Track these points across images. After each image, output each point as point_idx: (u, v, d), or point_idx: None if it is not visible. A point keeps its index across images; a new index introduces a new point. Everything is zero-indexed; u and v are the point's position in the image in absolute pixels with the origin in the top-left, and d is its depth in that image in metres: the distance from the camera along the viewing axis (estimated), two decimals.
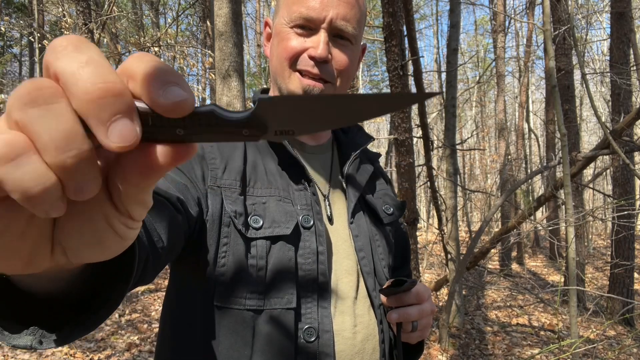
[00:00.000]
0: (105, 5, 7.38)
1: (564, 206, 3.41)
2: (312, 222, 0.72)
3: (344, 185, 0.82)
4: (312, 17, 0.71)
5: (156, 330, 4.72)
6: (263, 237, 0.67)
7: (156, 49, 8.18)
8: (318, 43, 0.71)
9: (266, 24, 0.83)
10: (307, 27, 0.72)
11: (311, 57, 0.72)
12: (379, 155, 0.94)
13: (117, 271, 0.36)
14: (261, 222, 0.68)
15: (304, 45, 0.72)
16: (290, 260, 0.68)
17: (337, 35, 0.73)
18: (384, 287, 0.75)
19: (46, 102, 0.20)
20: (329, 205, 0.78)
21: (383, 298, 0.75)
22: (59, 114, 0.21)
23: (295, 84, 0.73)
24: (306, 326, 0.67)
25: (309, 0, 0.71)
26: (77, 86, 0.21)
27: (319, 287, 0.70)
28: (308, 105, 0.29)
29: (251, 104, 0.85)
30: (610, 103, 7.45)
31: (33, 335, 0.32)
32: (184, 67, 10.13)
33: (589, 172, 14.50)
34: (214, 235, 0.66)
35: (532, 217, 6.02)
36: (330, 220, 0.77)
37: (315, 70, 0.72)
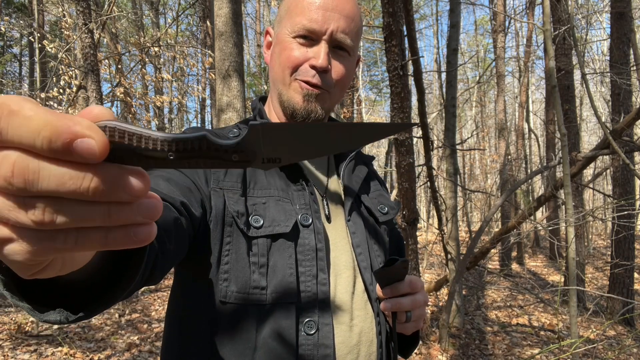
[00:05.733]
0: (105, 5, 7.38)
1: (564, 206, 3.41)
2: (310, 221, 0.76)
3: (341, 185, 0.86)
4: (314, 29, 0.76)
5: (156, 330, 4.72)
6: (264, 235, 0.71)
7: (156, 49, 8.18)
8: (319, 53, 0.76)
9: (267, 33, 0.88)
10: (309, 37, 0.77)
11: (312, 67, 0.76)
12: (372, 157, 0.99)
13: (127, 261, 0.40)
14: (262, 222, 0.71)
15: (306, 55, 0.77)
16: (290, 257, 0.72)
17: (336, 47, 0.78)
18: (377, 269, 0.76)
19: None
20: (327, 204, 0.82)
21: (378, 289, 0.78)
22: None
23: (296, 90, 0.78)
24: (307, 319, 0.70)
25: (311, 13, 0.76)
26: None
27: (318, 282, 0.73)
28: (297, 133, 0.30)
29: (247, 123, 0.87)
30: (610, 103, 7.45)
31: (60, 314, 0.36)
32: (184, 67, 10.13)
33: (589, 172, 14.50)
34: (217, 235, 0.70)
35: (532, 217, 6.02)
36: (329, 218, 0.81)
37: (316, 80, 0.76)
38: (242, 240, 0.70)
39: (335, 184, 0.86)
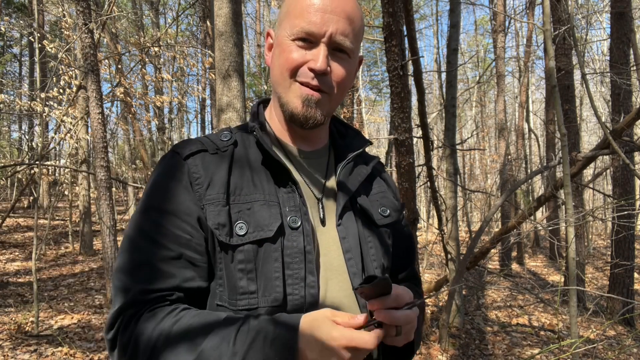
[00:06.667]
0: (105, 5, 7.37)
1: (564, 206, 3.41)
2: (299, 223, 0.75)
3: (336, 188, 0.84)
4: (312, 32, 0.75)
5: None
6: (249, 242, 0.72)
7: (156, 49, 8.17)
8: (318, 56, 0.75)
9: (268, 35, 0.87)
10: (308, 40, 0.76)
11: (311, 70, 0.75)
12: (377, 158, 0.96)
13: None
14: (246, 229, 0.72)
15: (305, 57, 0.76)
16: (276, 260, 0.72)
17: (336, 49, 0.77)
18: (357, 285, 0.75)
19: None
20: (322, 207, 0.81)
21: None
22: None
23: (295, 93, 0.77)
24: None
25: (310, 15, 0.75)
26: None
27: (306, 285, 0.73)
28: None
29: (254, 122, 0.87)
30: (610, 103, 7.46)
31: None
32: (184, 67, 10.13)
33: (589, 172, 14.50)
34: (210, 247, 0.74)
35: (532, 217, 6.02)
36: (323, 222, 0.80)
37: (315, 82, 0.76)
38: (227, 249, 0.72)
39: (332, 186, 0.85)
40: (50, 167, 10.12)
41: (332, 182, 0.86)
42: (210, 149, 0.78)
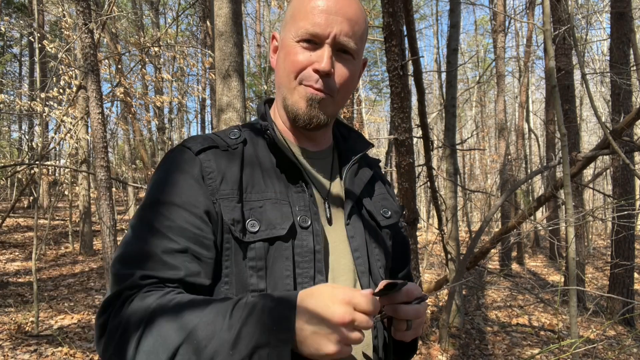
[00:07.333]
0: (105, 5, 7.37)
1: (564, 206, 3.41)
2: (309, 222, 0.76)
3: (343, 188, 0.86)
4: (317, 33, 0.76)
5: None
6: (260, 239, 0.72)
7: (156, 49, 8.17)
8: (322, 57, 0.76)
9: (273, 37, 0.89)
10: (313, 42, 0.77)
11: (315, 71, 0.77)
12: (378, 160, 0.99)
13: None
14: (258, 227, 0.73)
15: (310, 59, 0.78)
16: (287, 259, 0.73)
17: (340, 50, 0.79)
18: (376, 290, 0.76)
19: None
20: (329, 207, 0.83)
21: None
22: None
23: (300, 94, 0.79)
24: None
25: (314, 17, 0.76)
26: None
27: (315, 284, 0.74)
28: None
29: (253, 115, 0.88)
30: (610, 103, 7.46)
31: None
32: (184, 67, 10.13)
33: (589, 172, 14.50)
34: (218, 242, 0.73)
35: (532, 217, 6.02)
36: (330, 221, 0.82)
37: (319, 85, 0.77)
38: (239, 246, 0.72)
39: (337, 187, 0.87)
40: (50, 167, 10.12)
41: (336, 183, 0.87)
42: (221, 146, 0.79)
